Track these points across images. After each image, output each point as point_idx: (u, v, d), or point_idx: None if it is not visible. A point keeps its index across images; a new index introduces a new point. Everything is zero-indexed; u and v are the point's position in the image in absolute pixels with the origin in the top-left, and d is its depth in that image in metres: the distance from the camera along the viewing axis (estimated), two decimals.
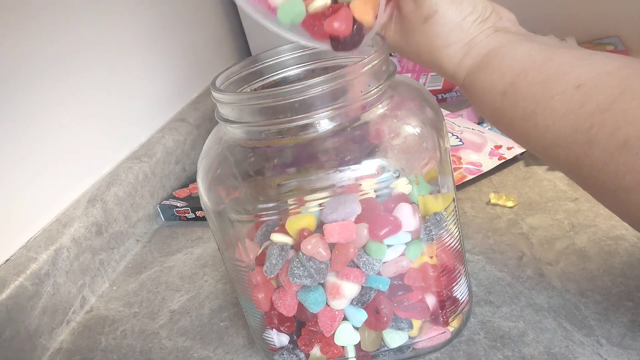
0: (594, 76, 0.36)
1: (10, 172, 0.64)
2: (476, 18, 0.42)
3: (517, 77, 0.39)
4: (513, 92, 0.39)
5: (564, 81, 0.37)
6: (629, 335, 0.46)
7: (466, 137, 0.78)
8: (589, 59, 0.37)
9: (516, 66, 0.40)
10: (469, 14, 0.42)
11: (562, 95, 0.37)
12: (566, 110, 0.36)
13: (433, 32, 0.43)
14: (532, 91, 0.38)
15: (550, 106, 0.37)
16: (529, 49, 0.40)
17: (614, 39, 1.01)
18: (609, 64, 0.36)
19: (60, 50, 0.72)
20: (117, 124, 0.82)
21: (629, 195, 0.34)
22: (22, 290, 0.59)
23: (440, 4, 0.42)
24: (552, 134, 0.38)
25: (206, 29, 1.11)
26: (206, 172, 0.45)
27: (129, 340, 0.59)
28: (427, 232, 0.44)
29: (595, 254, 0.55)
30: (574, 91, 0.36)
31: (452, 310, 0.47)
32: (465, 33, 0.42)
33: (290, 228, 0.43)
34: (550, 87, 0.37)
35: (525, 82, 0.39)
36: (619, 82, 0.35)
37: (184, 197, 0.82)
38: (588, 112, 0.35)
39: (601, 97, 0.35)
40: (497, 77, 0.40)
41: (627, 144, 0.33)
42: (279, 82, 0.49)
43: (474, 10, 0.42)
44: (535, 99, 0.38)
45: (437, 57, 0.44)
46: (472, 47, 0.42)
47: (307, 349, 0.47)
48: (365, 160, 0.41)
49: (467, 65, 0.43)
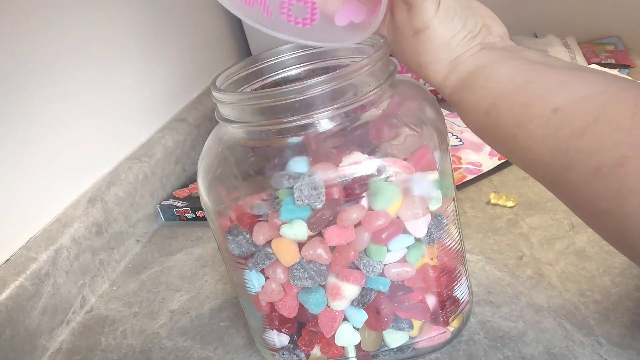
0: (571, 101, 0.36)
1: (10, 172, 0.64)
2: (465, 35, 0.43)
3: (498, 98, 0.40)
4: (495, 113, 0.40)
5: (542, 105, 0.37)
6: (629, 335, 0.46)
7: (466, 137, 0.78)
8: (569, 82, 0.37)
9: (498, 87, 0.40)
10: (458, 32, 0.42)
11: (540, 119, 0.37)
12: (544, 134, 0.37)
13: (422, 46, 0.43)
14: (513, 113, 0.39)
15: (529, 129, 0.38)
16: (512, 68, 0.40)
17: (614, 39, 1.01)
18: (588, 88, 0.36)
19: (60, 49, 0.72)
20: (117, 124, 0.82)
21: (606, 219, 0.35)
22: (22, 290, 0.59)
23: (432, 21, 0.42)
24: (532, 155, 0.38)
25: (206, 29, 1.11)
26: (206, 172, 0.45)
27: (129, 340, 0.59)
28: (428, 234, 0.44)
29: (595, 254, 0.55)
30: (552, 115, 0.36)
31: (452, 310, 0.47)
32: (453, 51, 0.43)
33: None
34: (529, 110, 0.38)
35: (506, 104, 0.39)
36: (594, 108, 0.35)
37: (184, 197, 0.82)
38: (564, 137, 0.36)
39: (576, 122, 0.35)
40: (480, 97, 0.41)
41: (600, 170, 0.34)
42: (279, 82, 0.49)
43: (463, 28, 0.42)
44: (516, 120, 0.39)
45: (423, 70, 0.44)
46: (458, 65, 0.43)
47: (308, 349, 0.47)
48: (365, 161, 0.41)
49: (452, 82, 0.43)
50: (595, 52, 0.96)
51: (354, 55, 0.48)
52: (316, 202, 0.41)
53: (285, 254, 0.43)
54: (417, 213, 0.42)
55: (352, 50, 0.48)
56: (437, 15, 0.42)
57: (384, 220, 0.42)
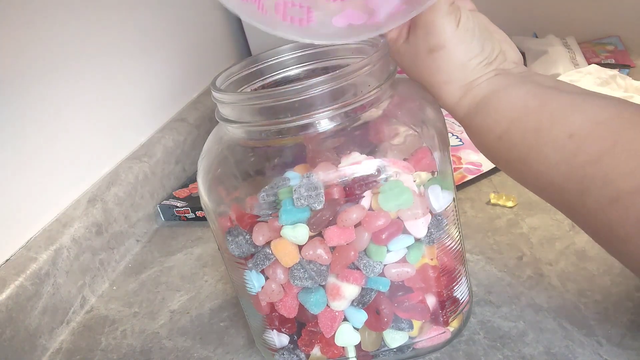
0: (586, 126, 0.36)
1: (10, 172, 0.64)
2: (482, 60, 0.42)
3: (511, 123, 0.39)
4: (508, 138, 0.40)
5: (556, 129, 0.37)
6: (629, 335, 0.46)
7: (466, 137, 0.78)
8: (582, 106, 0.37)
9: (510, 112, 0.40)
10: (475, 56, 0.41)
11: (555, 144, 0.37)
12: (559, 158, 0.37)
13: (436, 65, 0.42)
14: (526, 137, 0.39)
15: (543, 153, 0.37)
16: (524, 93, 0.40)
17: (614, 39, 1.01)
18: (602, 113, 0.36)
19: (60, 49, 0.72)
20: (117, 124, 0.82)
21: (625, 245, 0.35)
22: (22, 290, 0.59)
23: (449, 41, 0.41)
24: (545, 179, 0.38)
25: (206, 29, 1.11)
26: (206, 172, 0.45)
27: (129, 340, 0.59)
28: (428, 235, 0.44)
29: (595, 254, 0.55)
30: (567, 140, 0.36)
31: (452, 311, 0.47)
32: (468, 74, 0.42)
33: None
34: (543, 134, 0.38)
35: (519, 129, 0.39)
36: (609, 133, 0.35)
37: (184, 197, 0.82)
38: (580, 163, 0.35)
39: (592, 148, 0.35)
40: (493, 122, 0.41)
41: (619, 198, 0.33)
42: (279, 82, 0.49)
43: (481, 53, 0.42)
44: (530, 145, 0.38)
45: (436, 89, 0.44)
46: (472, 89, 0.42)
47: (308, 349, 0.47)
48: (365, 161, 0.41)
49: (465, 105, 0.42)
50: (595, 52, 0.96)
51: (354, 55, 0.48)
52: (315, 202, 0.41)
53: (285, 255, 0.43)
54: (417, 213, 0.42)
55: (352, 50, 0.48)
56: (455, 34, 0.41)
57: (384, 221, 0.42)
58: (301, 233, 0.42)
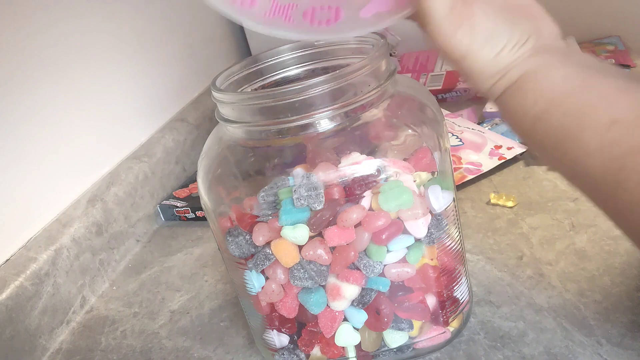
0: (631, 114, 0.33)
1: (10, 172, 0.64)
2: (512, 47, 0.39)
3: (549, 104, 0.37)
4: (545, 120, 0.37)
5: (597, 114, 0.35)
6: (629, 335, 0.46)
7: (466, 137, 0.78)
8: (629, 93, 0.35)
9: (549, 93, 0.37)
10: (502, 49, 0.39)
11: (595, 130, 0.34)
12: (597, 146, 0.34)
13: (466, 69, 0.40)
14: (565, 121, 0.36)
15: (581, 139, 0.35)
16: (565, 74, 0.37)
17: (614, 39, 1.01)
18: None
19: (60, 49, 0.72)
20: (117, 124, 0.82)
21: None
22: (22, 290, 0.59)
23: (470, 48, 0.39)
24: (580, 167, 0.36)
25: (206, 29, 1.11)
26: (206, 172, 0.45)
27: (129, 340, 0.59)
28: (429, 235, 0.44)
29: (595, 254, 0.55)
30: (609, 127, 0.34)
31: (452, 311, 0.47)
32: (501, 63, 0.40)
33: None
34: (583, 118, 0.35)
35: (557, 111, 0.37)
36: None
37: (184, 197, 0.82)
38: (620, 153, 0.33)
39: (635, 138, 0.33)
40: (530, 102, 0.38)
41: None
42: (279, 82, 0.49)
43: (508, 42, 0.39)
44: (567, 129, 0.36)
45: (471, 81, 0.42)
46: (507, 73, 0.40)
47: (308, 349, 0.47)
48: (365, 161, 0.41)
49: (500, 86, 0.40)
50: (595, 52, 0.96)
51: (354, 55, 0.48)
52: (315, 202, 0.41)
53: (284, 255, 0.43)
54: (417, 213, 0.42)
55: (352, 50, 0.48)
56: (473, 42, 0.39)
57: (384, 221, 0.42)
58: (301, 233, 0.42)
